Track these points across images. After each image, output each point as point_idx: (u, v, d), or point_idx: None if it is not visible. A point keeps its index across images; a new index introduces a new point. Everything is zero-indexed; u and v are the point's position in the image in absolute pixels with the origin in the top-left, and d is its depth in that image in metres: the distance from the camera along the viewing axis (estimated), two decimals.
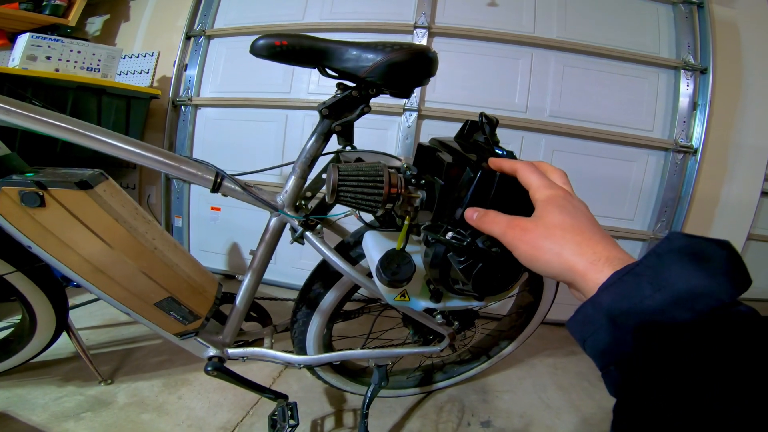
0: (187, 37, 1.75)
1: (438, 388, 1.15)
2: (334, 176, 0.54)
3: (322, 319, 0.86)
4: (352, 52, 0.60)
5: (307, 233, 0.72)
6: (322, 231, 0.76)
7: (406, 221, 0.56)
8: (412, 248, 0.59)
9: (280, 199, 0.73)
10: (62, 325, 0.95)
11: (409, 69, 0.61)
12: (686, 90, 1.50)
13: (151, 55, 1.85)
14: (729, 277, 0.24)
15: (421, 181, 0.56)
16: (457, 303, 0.60)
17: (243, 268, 1.82)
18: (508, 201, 0.41)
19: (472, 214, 0.41)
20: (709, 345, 0.22)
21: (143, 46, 1.89)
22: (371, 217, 0.77)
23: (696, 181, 1.51)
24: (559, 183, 0.39)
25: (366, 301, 1.07)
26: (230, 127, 1.74)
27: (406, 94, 0.65)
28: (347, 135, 0.69)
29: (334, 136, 0.71)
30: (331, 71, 0.64)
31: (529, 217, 0.36)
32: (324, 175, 0.79)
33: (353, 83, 0.65)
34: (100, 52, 1.49)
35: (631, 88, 1.53)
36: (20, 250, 0.78)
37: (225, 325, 0.85)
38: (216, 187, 0.68)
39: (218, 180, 0.68)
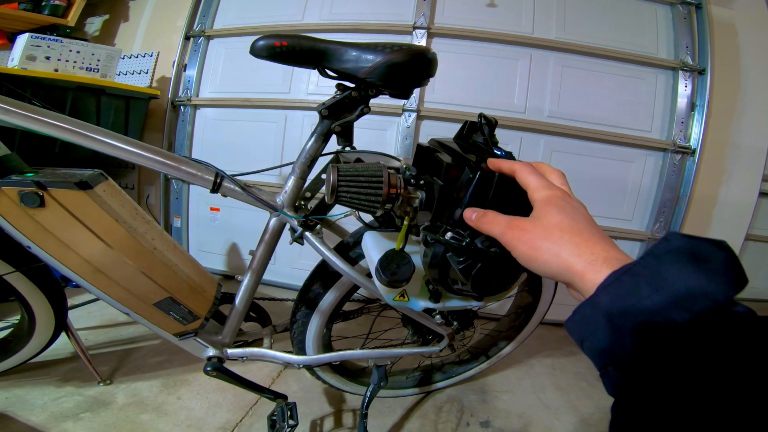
0: (187, 38, 1.75)
1: (437, 389, 1.15)
2: (333, 176, 0.54)
3: (322, 319, 0.86)
4: (352, 53, 0.61)
5: (307, 233, 0.72)
6: (322, 231, 0.76)
7: (405, 221, 0.56)
8: (412, 248, 0.59)
9: (280, 200, 0.73)
10: (61, 326, 0.95)
11: (409, 70, 0.62)
12: (684, 91, 1.50)
13: (150, 55, 1.85)
14: (726, 278, 0.24)
15: (420, 182, 0.56)
16: (456, 303, 0.60)
17: (242, 268, 1.82)
18: (507, 201, 0.42)
19: (471, 215, 0.41)
20: (707, 346, 0.22)
21: (142, 47, 1.89)
22: (371, 218, 0.77)
23: (694, 181, 1.52)
24: (558, 184, 0.39)
25: (365, 301, 1.08)
26: (229, 128, 1.74)
27: (406, 95, 0.65)
28: (347, 135, 0.69)
29: (334, 137, 0.71)
30: (331, 72, 0.64)
31: (528, 218, 0.36)
32: (323, 176, 0.79)
33: (353, 84, 0.65)
34: (99, 53, 1.48)
35: (630, 88, 1.53)
36: (19, 251, 0.78)
37: (224, 325, 0.85)
38: (216, 188, 0.68)
39: (218, 180, 0.68)
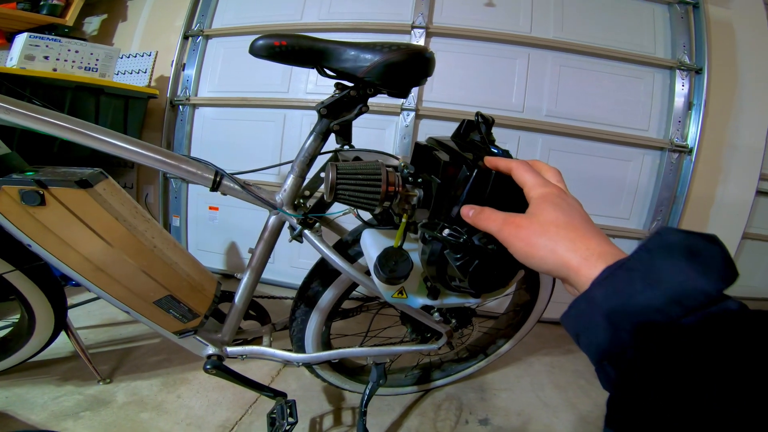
0: (185, 37, 1.75)
1: (436, 386, 1.16)
2: (332, 175, 0.54)
3: (321, 317, 0.86)
4: (351, 52, 0.61)
5: (306, 231, 0.73)
6: (321, 229, 0.76)
7: (403, 219, 0.57)
8: (410, 246, 0.60)
9: (279, 198, 0.73)
10: (61, 325, 0.96)
11: (407, 69, 0.62)
12: (681, 90, 1.51)
13: (149, 54, 1.85)
14: (717, 272, 0.24)
15: (418, 180, 0.56)
16: (453, 300, 0.61)
17: (241, 267, 1.82)
18: (504, 199, 0.42)
19: (468, 212, 0.41)
20: (703, 344, 0.22)
21: (141, 46, 1.89)
22: (369, 216, 0.78)
23: (691, 180, 1.52)
24: (554, 181, 0.39)
25: (364, 299, 1.08)
26: (228, 127, 1.74)
27: (404, 94, 0.66)
28: (345, 134, 0.70)
29: (333, 135, 0.71)
30: (330, 71, 0.65)
31: (524, 214, 0.36)
32: (322, 174, 0.79)
33: (351, 83, 0.66)
34: (97, 52, 1.48)
35: (627, 87, 1.54)
36: (19, 249, 0.79)
37: (224, 323, 0.85)
38: (215, 186, 0.69)
39: (217, 179, 0.68)
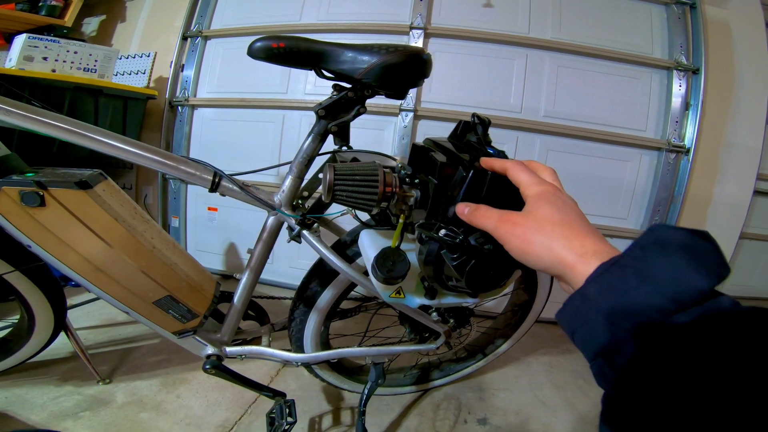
0: (184, 38, 1.76)
1: (435, 386, 1.16)
2: (330, 176, 0.55)
3: (319, 317, 0.87)
4: (348, 54, 0.61)
5: (304, 232, 0.73)
6: (319, 230, 0.76)
7: (400, 220, 0.57)
8: (408, 246, 0.60)
9: (278, 199, 0.74)
10: (60, 325, 0.96)
11: (404, 71, 0.62)
12: (679, 90, 1.52)
13: (148, 55, 1.85)
14: (708, 267, 0.24)
15: (415, 181, 0.57)
16: (451, 300, 0.61)
17: (240, 267, 1.82)
18: (500, 199, 0.42)
19: (464, 209, 0.41)
20: (695, 340, 0.22)
21: (140, 47, 1.89)
22: (367, 216, 0.78)
23: (688, 180, 1.53)
24: (549, 180, 0.39)
25: (362, 299, 1.08)
26: (227, 128, 1.74)
27: (401, 96, 0.66)
28: (343, 135, 0.70)
29: (331, 137, 0.72)
30: (328, 73, 0.65)
31: (520, 212, 0.36)
32: (320, 175, 0.80)
33: (349, 85, 0.66)
34: (96, 53, 1.49)
35: (625, 88, 1.54)
36: (19, 250, 0.79)
37: (223, 323, 0.85)
38: (214, 187, 0.69)
39: (216, 179, 0.69)
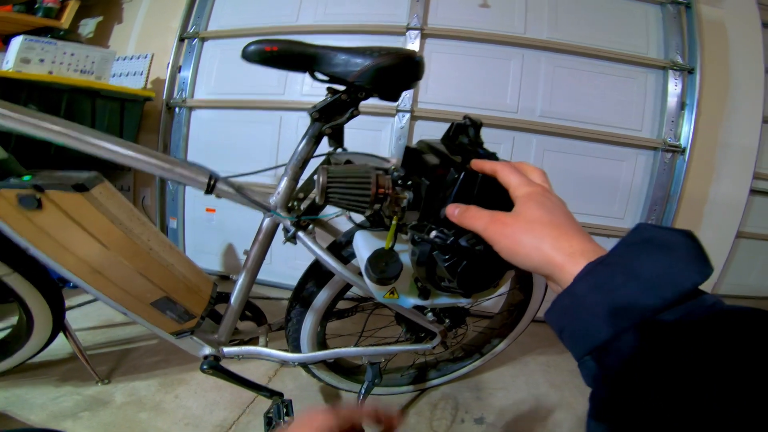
0: (181, 39, 1.76)
1: (432, 386, 1.17)
2: (323, 178, 0.55)
3: (316, 317, 0.87)
4: (341, 57, 0.62)
5: (299, 233, 0.74)
6: (314, 231, 0.77)
7: (393, 221, 0.58)
8: (402, 247, 0.61)
9: (273, 201, 0.74)
10: (59, 326, 0.96)
11: (397, 73, 0.63)
12: (674, 90, 1.52)
13: (145, 57, 1.85)
14: (691, 265, 0.25)
15: (408, 182, 0.57)
16: (444, 300, 0.62)
17: (238, 268, 1.80)
18: (491, 200, 0.43)
19: (454, 210, 0.41)
20: (679, 338, 0.23)
21: (137, 48, 1.89)
22: (362, 217, 0.78)
23: (685, 179, 1.53)
24: (538, 181, 0.40)
25: (359, 299, 1.09)
26: (225, 129, 1.75)
27: (394, 98, 0.67)
28: (337, 137, 0.71)
29: (326, 139, 0.72)
30: (321, 76, 0.66)
31: (510, 213, 0.37)
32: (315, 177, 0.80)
33: (343, 87, 0.67)
34: (93, 55, 1.49)
35: (621, 88, 1.55)
36: (17, 252, 0.79)
37: (220, 324, 0.86)
38: (210, 189, 0.70)
39: (212, 182, 0.69)
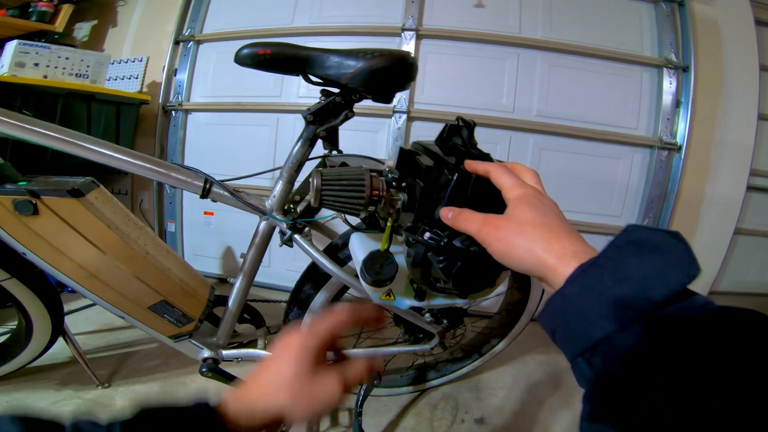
0: (176, 42, 1.75)
1: (432, 386, 1.17)
2: (317, 181, 0.55)
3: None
4: (334, 59, 0.62)
5: (296, 236, 0.74)
6: (310, 234, 0.77)
7: (388, 223, 0.58)
8: (398, 249, 0.61)
9: (269, 204, 0.75)
10: (58, 330, 0.96)
11: (390, 75, 0.63)
12: (669, 88, 1.53)
13: (140, 60, 1.85)
14: (679, 266, 0.25)
15: (402, 184, 0.58)
16: (440, 301, 0.62)
17: (237, 271, 1.82)
18: (484, 201, 0.43)
19: (447, 213, 0.42)
20: (667, 339, 0.23)
21: (132, 52, 1.89)
22: (358, 220, 0.79)
23: (681, 177, 1.54)
24: (531, 183, 0.40)
25: (356, 301, 1.09)
26: (222, 132, 1.74)
27: (388, 100, 0.67)
28: (332, 140, 0.71)
29: (320, 141, 0.72)
30: (315, 78, 0.66)
31: (502, 215, 0.37)
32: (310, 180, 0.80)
33: (336, 89, 0.67)
34: (88, 58, 1.48)
35: (616, 86, 1.55)
36: (15, 257, 0.79)
37: (218, 327, 0.86)
38: (205, 193, 0.70)
39: (207, 186, 0.69)
